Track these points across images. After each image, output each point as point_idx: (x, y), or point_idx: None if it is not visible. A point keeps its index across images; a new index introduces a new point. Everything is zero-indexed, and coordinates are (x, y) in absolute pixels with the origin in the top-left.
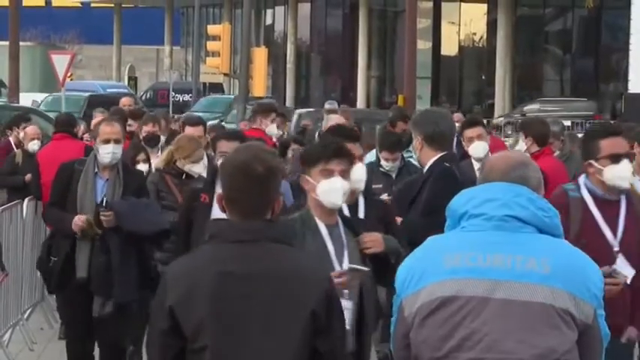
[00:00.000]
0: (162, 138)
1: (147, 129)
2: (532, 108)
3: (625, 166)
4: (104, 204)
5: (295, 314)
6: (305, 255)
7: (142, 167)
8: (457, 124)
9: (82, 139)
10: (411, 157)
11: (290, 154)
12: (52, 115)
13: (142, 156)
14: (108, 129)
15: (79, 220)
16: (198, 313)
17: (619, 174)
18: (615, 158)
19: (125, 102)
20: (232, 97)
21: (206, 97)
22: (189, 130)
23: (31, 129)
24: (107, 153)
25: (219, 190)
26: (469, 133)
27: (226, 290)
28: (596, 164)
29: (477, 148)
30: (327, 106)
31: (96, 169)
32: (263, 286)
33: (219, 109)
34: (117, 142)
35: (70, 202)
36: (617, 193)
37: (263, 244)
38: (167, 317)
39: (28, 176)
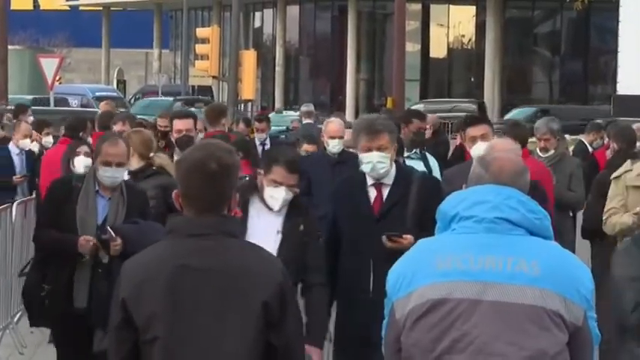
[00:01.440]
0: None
1: (117, 128)
2: (417, 108)
3: None
4: (108, 230)
5: (247, 307)
6: (259, 249)
7: (84, 161)
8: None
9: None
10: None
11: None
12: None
13: (83, 148)
14: (110, 150)
15: (85, 241)
16: (151, 304)
17: None
18: None
19: (103, 107)
20: (171, 99)
21: (143, 100)
22: (177, 124)
23: (23, 126)
24: (107, 177)
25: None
26: (472, 131)
27: (181, 283)
28: None
29: (481, 150)
30: (303, 108)
31: (97, 187)
32: (217, 280)
33: (155, 113)
34: (119, 165)
35: (67, 224)
36: None
37: (218, 239)
38: (120, 310)
39: (17, 178)
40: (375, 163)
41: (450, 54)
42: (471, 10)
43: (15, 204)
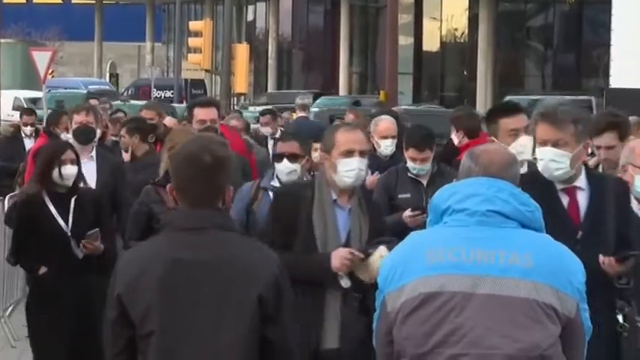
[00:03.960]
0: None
1: (79, 119)
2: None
3: None
4: (367, 252)
5: (243, 300)
6: (253, 242)
7: (70, 170)
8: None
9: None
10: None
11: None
12: None
13: (68, 154)
14: (350, 136)
15: (341, 258)
16: (146, 299)
17: None
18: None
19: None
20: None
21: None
22: (198, 112)
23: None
24: (351, 170)
25: None
26: (511, 123)
27: (175, 276)
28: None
29: (526, 146)
30: (298, 100)
31: (333, 195)
32: (211, 273)
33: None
34: (362, 154)
35: (300, 245)
36: None
37: (212, 232)
38: (116, 305)
39: None
40: (548, 161)
41: (443, 47)
42: (464, 3)
43: (7, 197)
